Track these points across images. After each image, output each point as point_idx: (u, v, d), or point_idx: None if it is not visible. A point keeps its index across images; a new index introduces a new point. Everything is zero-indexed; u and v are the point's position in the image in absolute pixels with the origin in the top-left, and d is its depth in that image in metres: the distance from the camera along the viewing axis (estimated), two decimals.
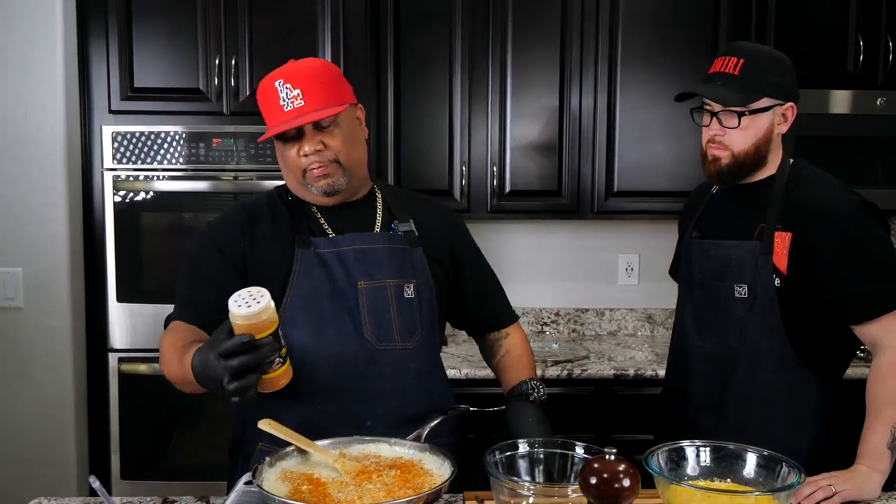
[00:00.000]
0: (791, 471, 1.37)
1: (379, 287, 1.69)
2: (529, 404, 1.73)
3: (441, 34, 3.06)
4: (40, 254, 2.81)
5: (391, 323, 1.69)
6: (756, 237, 1.81)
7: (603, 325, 3.50)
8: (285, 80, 1.60)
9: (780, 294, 1.77)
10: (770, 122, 1.80)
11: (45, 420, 2.84)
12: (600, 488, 1.12)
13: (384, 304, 1.69)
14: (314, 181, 1.66)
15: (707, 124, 1.85)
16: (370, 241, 1.72)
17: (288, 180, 1.73)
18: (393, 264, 1.71)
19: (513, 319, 1.97)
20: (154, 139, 2.88)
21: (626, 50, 3.07)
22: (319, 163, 1.64)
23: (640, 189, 3.11)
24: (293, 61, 1.65)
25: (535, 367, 1.88)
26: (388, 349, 1.69)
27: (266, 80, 1.64)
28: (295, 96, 1.59)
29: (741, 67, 1.78)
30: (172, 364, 1.53)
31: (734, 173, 1.83)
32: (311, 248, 1.68)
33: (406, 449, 1.54)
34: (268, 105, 1.62)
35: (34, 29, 2.76)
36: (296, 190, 1.72)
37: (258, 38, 2.88)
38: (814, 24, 3.05)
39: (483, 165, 3.11)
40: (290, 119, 1.59)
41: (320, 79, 1.62)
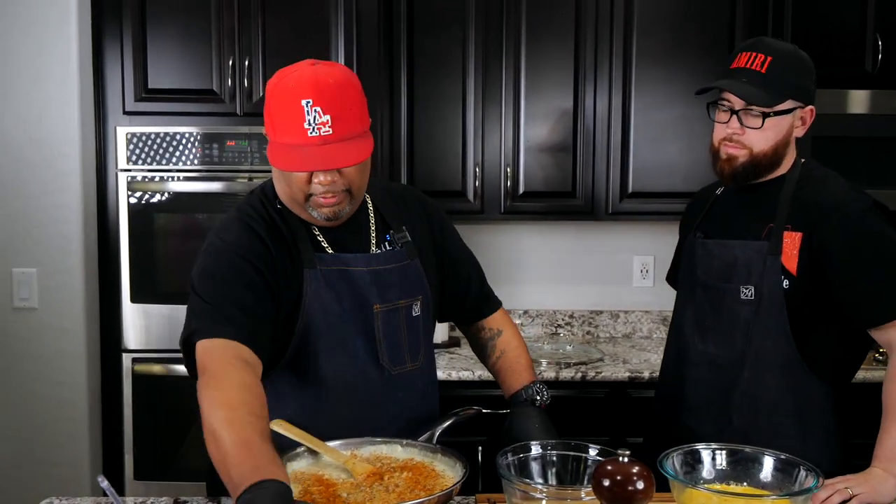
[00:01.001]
0: (809, 474, 1.35)
1: (392, 310, 1.63)
2: (534, 409, 1.68)
3: (454, 35, 3.06)
4: (55, 254, 2.83)
5: (402, 345, 1.65)
6: (764, 237, 1.76)
7: (618, 327, 3.48)
8: (315, 102, 1.42)
9: (788, 296, 1.72)
10: (790, 124, 1.76)
11: (58, 420, 2.85)
12: (613, 491, 1.11)
13: (396, 325, 1.63)
14: (318, 208, 1.53)
15: (725, 121, 1.78)
16: (382, 262, 1.63)
17: (283, 195, 1.57)
18: (403, 284, 1.65)
19: (496, 306, 1.87)
20: (168, 140, 2.88)
21: (640, 50, 3.05)
22: (332, 193, 1.50)
23: (654, 190, 3.09)
24: (316, 69, 1.47)
25: (534, 367, 1.82)
26: (401, 373, 1.65)
27: (287, 89, 1.45)
28: (324, 122, 1.42)
29: (768, 66, 1.72)
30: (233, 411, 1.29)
31: (748, 174, 1.78)
32: (318, 268, 1.57)
33: (418, 450, 1.53)
34: (286, 120, 1.44)
35: (49, 31, 2.77)
36: (291, 206, 1.58)
37: (271, 39, 2.88)
38: (831, 23, 3.02)
39: (496, 167, 3.10)
40: (315, 146, 1.43)
41: (349, 101, 1.46)
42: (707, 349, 1.84)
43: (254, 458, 1.22)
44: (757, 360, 1.76)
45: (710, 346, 1.83)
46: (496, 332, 1.84)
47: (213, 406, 1.31)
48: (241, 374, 1.37)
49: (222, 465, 1.24)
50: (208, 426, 1.29)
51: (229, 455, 1.23)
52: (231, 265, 1.51)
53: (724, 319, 1.81)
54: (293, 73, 1.47)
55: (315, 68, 1.47)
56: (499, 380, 1.82)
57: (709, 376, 1.83)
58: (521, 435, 1.58)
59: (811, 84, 1.78)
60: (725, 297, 1.81)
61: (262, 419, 1.31)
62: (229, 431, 1.26)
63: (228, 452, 1.24)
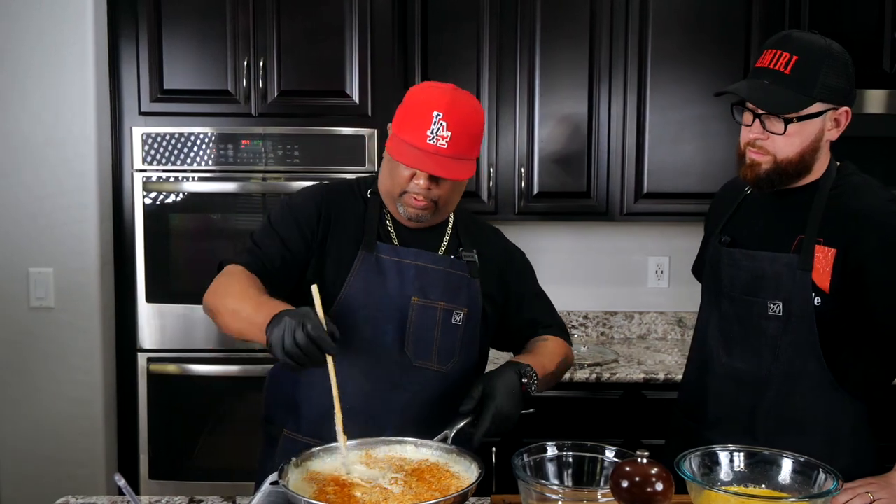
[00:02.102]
0: (828, 477, 1.33)
1: (430, 306, 1.71)
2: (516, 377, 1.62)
3: (469, 35, 3.05)
4: (71, 254, 2.84)
5: (432, 343, 1.72)
6: (794, 250, 1.65)
7: (632, 328, 3.46)
8: (444, 116, 1.58)
9: (819, 313, 1.61)
10: (819, 128, 1.63)
11: (74, 419, 2.87)
12: (632, 492, 1.09)
13: (431, 323, 1.71)
14: (407, 206, 1.67)
15: (749, 124, 1.66)
16: (433, 261, 1.74)
17: (384, 184, 1.72)
18: (448, 288, 1.73)
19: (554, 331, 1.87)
20: (183, 141, 2.89)
21: (655, 51, 3.04)
22: (424, 197, 1.64)
23: (670, 191, 3.07)
24: (457, 92, 1.62)
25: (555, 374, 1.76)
26: (423, 367, 1.71)
27: (425, 96, 1.61)
28: (444, 136, 1.58)
29: (794, 66, 1.59)
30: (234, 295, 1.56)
31: (773, 181, 1.66)
32: (374, 253, 1.70)
33: (433, 451, 1.52)
34: (414, 122, 1.60)
35: (65, 33, 2.79)
36: (385, 196, 1.73)
37: (286, 39, 2.88)
38: (848, 23, 3.00)
39: (511, 167, 3.09)
40: (428, 152, 1.58)
41: (472, 130, 1.62)
42: (732, 363, 1.74)
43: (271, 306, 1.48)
44: (785, 378, 1.66)
45: (736, 361, 1.73)
46: (543, 338, 1.84)
47: (222, 297, 1.59)
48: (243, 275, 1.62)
49: (248, 325, 1.50)
50: (229, 310, 1.56)
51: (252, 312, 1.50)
52: (281, 218, 1.73)
53: (750, 334, 1.71)
54: (436, 87, 1.65)
55: (455, 91, 1.64)
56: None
57: (733, 391, 1.74)
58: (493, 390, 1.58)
59: (845, 83, 1.63)
60: (752, 311, 1.70)
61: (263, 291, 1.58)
62: (245, 304, 1.53)
63: (250, 312, 1.50)
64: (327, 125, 2.89)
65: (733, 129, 1.77)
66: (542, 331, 1.86)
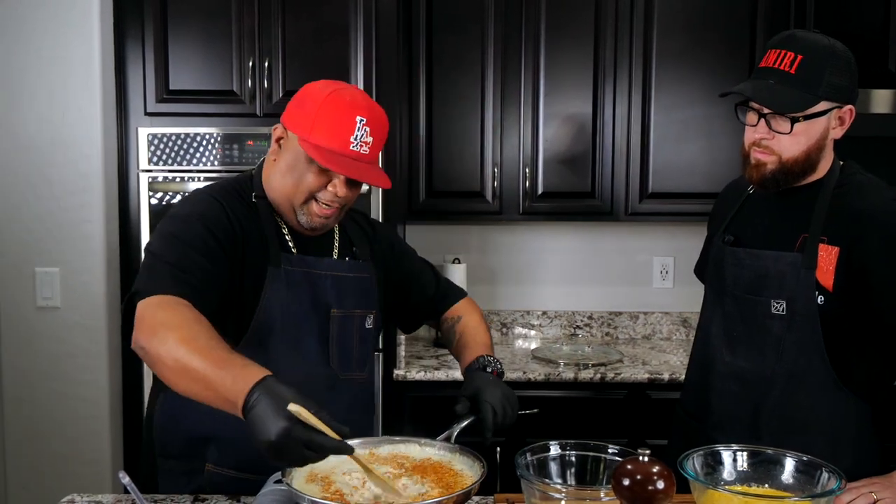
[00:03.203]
0: (831, 476, 1.33)
1: (348, 317, 1.70)
2: (486, 372, 1.68)
3: (474, 36, 3.06)
4: (77, 254, 2.85)
5: (352, 352, 1.71)
6: (797, 248, 1.65)
7: (637, 328, 3.46)
8: (367, 122, 1.54)
9: (822, 312, 1.62)
10: (825, 127, 1.63)
11: (80, 418, 2.88)
12: (634, 490, 1.09)
13: (349, 333, 1.70)
14: (312, 215, 1.59)
15: (754, 124, 1.66)
16: (346, 269, 1.70)
17: (280, 190, 1.60)
18: (360, 295, 1.72)
19: (458, 297, 1.94)
20: (189, 141, 2.90)
21: (660, 50, 3.03)
22: (336, 205, 1.59)
23: (674, 191, 3.07)
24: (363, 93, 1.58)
25: (492, 346, 1.84)
26: (348, 378, 1.70)
27: (343, 102, 1.53)
28: (367, 142, 1.54)
29: (798, 65, 1.59)
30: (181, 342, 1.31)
31: (779, 181, 1.66)
32: (282, 267, 1.61)
33: (436, 450, 1.53)
34: (335, 126, 1.52)
35: (71, 33, 2.80)
36: (280, 202, 1.61)
37: (291, 40, 2.89)
38: (854, 22, 2.99)
39: (515, 167, 3.09)
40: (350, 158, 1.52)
41: (384, 137, 1.60)
42: (735, 362, 1.74)
43: (239, 370, 1.26)
44: (788, 378, 1.67)
45: (739, 360, 1.74)
46: (456, 319, 1.90)
47: (171, 346, 1.32)
48: (187, 311, 1.39)
49: (208, 391, 1.28)
50: (175, 365, 1.31)
51: (212, 379, 1.27)
52: (191, 230, 1.52)
53: (753, 333, 1.71)
54: (346, 90, 1.56)
55: (363, 93, 1.59)
56: (459, 360, 1.84)
57: (736, 390, 1.74)
58: (477, 391, 1.61)
59: (849, 81, 1.63)
60: (756, 310, 1.70)
61: (220, 339, 1.34)
62: (200, 359, 1.29)
63: (210, 377, 1.27)
64: None
65: (738, 128, 1.77)
66: (443, 304, 1.92)
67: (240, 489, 1.61)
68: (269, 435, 1.18)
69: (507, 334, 3.46)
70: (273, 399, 1.20)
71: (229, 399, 1.25)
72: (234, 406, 1.24)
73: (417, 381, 2.84)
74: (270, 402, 1.20)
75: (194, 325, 1.36)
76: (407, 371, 2.84)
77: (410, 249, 1.95)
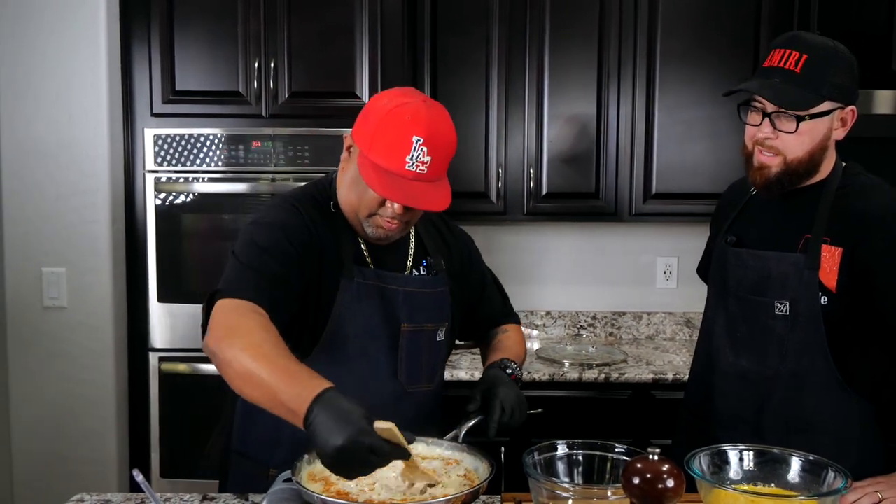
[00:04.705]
0: (837, 476, 1.34)
1: (418, 331, 1.69)
2: (504, 372, 1.70)
3: (478, 37, 3.06)
4: (83, 254, 2.86)
5: (421, 366, 1.70)
6: (800, 249, 1.66)
7: (641, 328, 3.47)
8: (425, 141, 1.48)
9: (825, 313, 1.63)
10: (828, 127, 1.63)
11: (86, 418, 2.89)
12: (643, 488, 1.11)
13: (420, 347, 1.69)
14: (376, 227, 1.58)
15: (757, 124, 1.66)
16: (417, 285, 1.69)
17: (346, 203, 1.61)
18: (432, 309, 1.72)
19: (516, 319, 1.96)
20: (193, 142, 2.91)
21: (664, 51, 3.04)
22: (397, 222, 1.57)
23: (679, 191, 3.07)
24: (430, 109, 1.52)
25: (524, 360, 1.84)
26: (415, 391, 1.69)
27: (402, 119, 1.49)
28: (424, 162, 1.49)
29: (804, 64, 1.59)
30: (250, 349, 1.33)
31: (783, 183, 1.66)
32: (354, 280, 1.61)
33: (444, 449, 1.54)
34: (391, 147, 1.49)
35: (78, 34, 2.81)
36: (348, 214, 1.62)
37: (297, 41, 2.90)
38: (857, 22, 2.99)
39: (519, 167, 3.10)
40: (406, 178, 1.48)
41: (450, 151, 1.54)
42: (739, 362, 1.75)
43: (301, 380, 1.28)
44: (792, 378, 1.67)
45: (743, 360, 1.74)
46: (502, 331, 1.91)
47: (237, 351, 1.33)
48: (257, 318, 1.40)
49: (271, 400, 1.29)
50: (240, 370, 1.32)
51: (276, 387, 1.28)
52: (272, 238, 1.53)
53: (757, 333, 1.72)
54: (409, 105, 1.51)
55: (430, 108, 1.52)
56: (484, 360, 1.85)
57: (740, 390, 1.75)
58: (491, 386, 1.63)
59: (852, 82, 1.65)
60: (759, 310, 1.71)
61: (286, 349, 1.36)
62: (265, 366, 1.30)
63: (274, 385, 1.28)
64: (337, 126, 2.90)
65: (742, 129, 1.76)
66: (501, 320, 1.93)
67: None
68: (335, 441, 1.18)
69: None
70: (336, 409, 1.21)
71: (291, 409, 1.25)
72: (295, 416, 1.25)
73: None
74: (334, 411, 1.21)
75: (262, 332, 1.38)
76: None
77: (482, 259, 1.93)
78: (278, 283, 1.49)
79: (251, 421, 1.69)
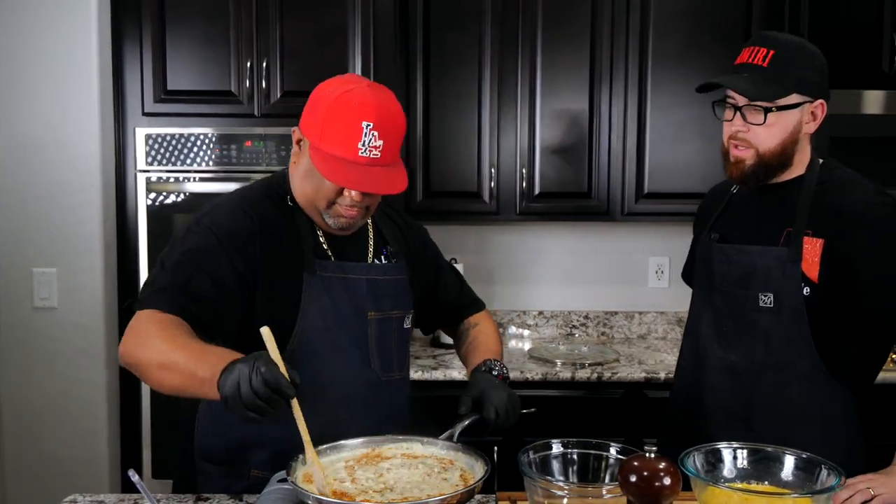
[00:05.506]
0: (831, 473, 1.35)
1: (385, 318, 1.70)
2: (491, 375, 1.70)
3: (471, 34, 3.07)
4: (74, 254, 2.85)
5: (392, 353, 1.71)
6: (782, 242, 1.71)
7: (633, 328, 3.48)
8: (375, 126, 1.49)
9: (809, 304, 1.67)
10: (798, 120, 1.69)
11: (78, 418, 2.88)
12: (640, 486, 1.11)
13: (388, 334, 1.70)
14: (337, 217, 1.58)
15: (730, 119, 1.73)
16: (380, 273, 1.70)
17: (303, 196, 1.61)
18: (397, 296, 1.73)
19: (480, 308, 1.97)
20: (185, 141, 2.91)
21: (656, 50, 3.05)
22: (357, 209, 1.58)
23: (670, 191, 3.09)
24: (376, 92, 1.52)
25: (502, 354, 1.85)
26: (390, 380, 1.70)
27: (349, 106, 1.49)
28: (376, 146, 1.49)
29: (771, 59, 1.65)
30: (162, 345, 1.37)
31: (759, 175, 1.72)
32: (317, 273, 1.61)
33: (438, 448, 1.54)
34: (341, 134, 1.49)
35: (69, 34, 2.80)
36: (306, 207, 1.62)
37: (289, 41, 2.89)
38: (848, 23, 3.01)
39: (512, 167, 3.11)
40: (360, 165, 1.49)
41: (399, 132, 1.55)
42: (726, 356, 1.78)
43: (216, 354, 1.33)
44: (778, 369, 1.71)
45: (730, 353, 1.78)
46: (472, 325, 1.92)
47: (151, 352, 1.39)
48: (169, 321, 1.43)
49: (189, 378, 1.33)
50: (157, 363, 1.38)
51: (191, 365, 1.33)
52: (205, 248, 1.53)
53: (742, 327, 1.76)
54: (354, 91, 1.51)
55: (375, 91, 1.52)
56: (465, 362, 1.85)
57: (727, 383, 1.78)
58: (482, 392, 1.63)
59: (820, 77, 1.70)
60: (744, 304, 1.75)
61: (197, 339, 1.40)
62: (180, 354, 1.36)
63: (189, 365, 1.34)
64: None
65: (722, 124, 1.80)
66: (467, 312, 1.94)
67: None
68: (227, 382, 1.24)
69: (504, 334, 3.47)
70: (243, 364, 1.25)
71: (205, 377, 1.30)
72: (209, 383, 1.29)
73: (415, 380, 2.82)
74: (240, 366, 1.25)
75: (174, 327, 1.41)
76: None
77: (438, 249, 1.94)
78: (205, 302, 1.49)
79: (220, 427, 1.68)
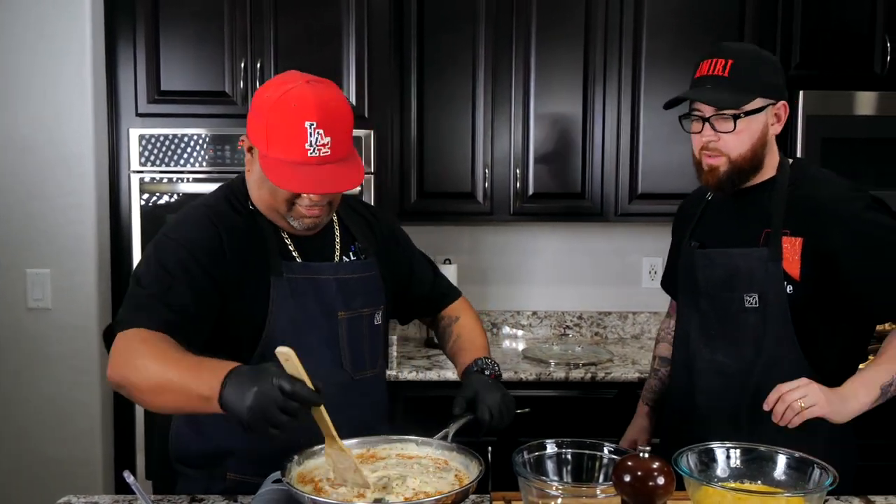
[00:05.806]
0: (823, 473, 1.36)
1: (356, 317, 1.68)
2: (484, 375, 1.70)
3: (465, 36, 3.07)
4: (68, 255, 2.84)
5: (364, 351, 1.70)
6: (762, 244, 1.75)
7: (626, 328, 3.49)
8: (318, 124, 1.45)
9: (792, 301, 1.71)
10: (764, 123, 1.73)
11: (72, 420, 2.87)
12: (634, 486, 1.12)
13: (359, 333, 1.69)
14: (300, 218, 1.57)
15: (699, 131, 1.76)
16: (348, 271, 1.68)
17: (261, 202, 1.59)
18: (367, 293, 1.71)
19: (455, 296, 1.96)
20: (179, 142, 2.90)
21: (650, 52, 3.06)
22: (319, 207, 1.56)
23: (664, 192, 3.09)
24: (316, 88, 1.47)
25: (489, 348, 1.84)
26: (362, 378, 1.69)
27: (289, 108, 1.45)
28: (324, 144, 1.46)
29: (730, 68, 1.70)
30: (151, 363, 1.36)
31: (733, 180, 1.76)
32: (285, 276, 1.59)
33: (433, 448, 1.54)
34: (286, 138, 1.46)
35: (63, 34, 2.79)
36: (267, 212, 1.60)
37: (283, 41, 2.89)
38: (840, 25, 3.03)
39: (506, 168, 3.11)
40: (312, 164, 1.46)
41: (346, 125, 1.51)
42: (715, 358, 1.82)
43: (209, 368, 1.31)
44: (766, 367, 1.75)
45: (718, 355, 1.81)
46: (453, 319, 1.91)
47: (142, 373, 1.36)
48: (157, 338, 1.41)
49: (186, 397, 1.32)
50: (152, 384, 1.36)
51: (187, 383, 1.31)
52: (177, 261, 1.52)
53: (730, 328, 1.80)
54: (292, 91, 1.46)
55: (314, 88, 1.47)
56: (454, 362, 1.85)
57: (718, 385, 1.82)
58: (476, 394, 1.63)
59: (779, 80, 1.75)
60: (730, 306, 1.79)
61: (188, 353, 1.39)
62: (174, 371, 1.34)
63: (185, 382, 1.32)
64: None
65: None
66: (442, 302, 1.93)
67: None
68: (245, 402, 1.22)
69: (497, 334, 3.48)
70: (243, 376, 1.24)
71: (205, 396, 1.28)
72: (209, 401, 1.27)
73: (409, 381, 2.85)
74: (241, 378, 1.24)
75: (162, 344, 1.40)
76: (399, 371, 2.85)
77: (410, 240, 1.93)
78: (183, 310, 1.48)
79: (192, 435, 1.68)
